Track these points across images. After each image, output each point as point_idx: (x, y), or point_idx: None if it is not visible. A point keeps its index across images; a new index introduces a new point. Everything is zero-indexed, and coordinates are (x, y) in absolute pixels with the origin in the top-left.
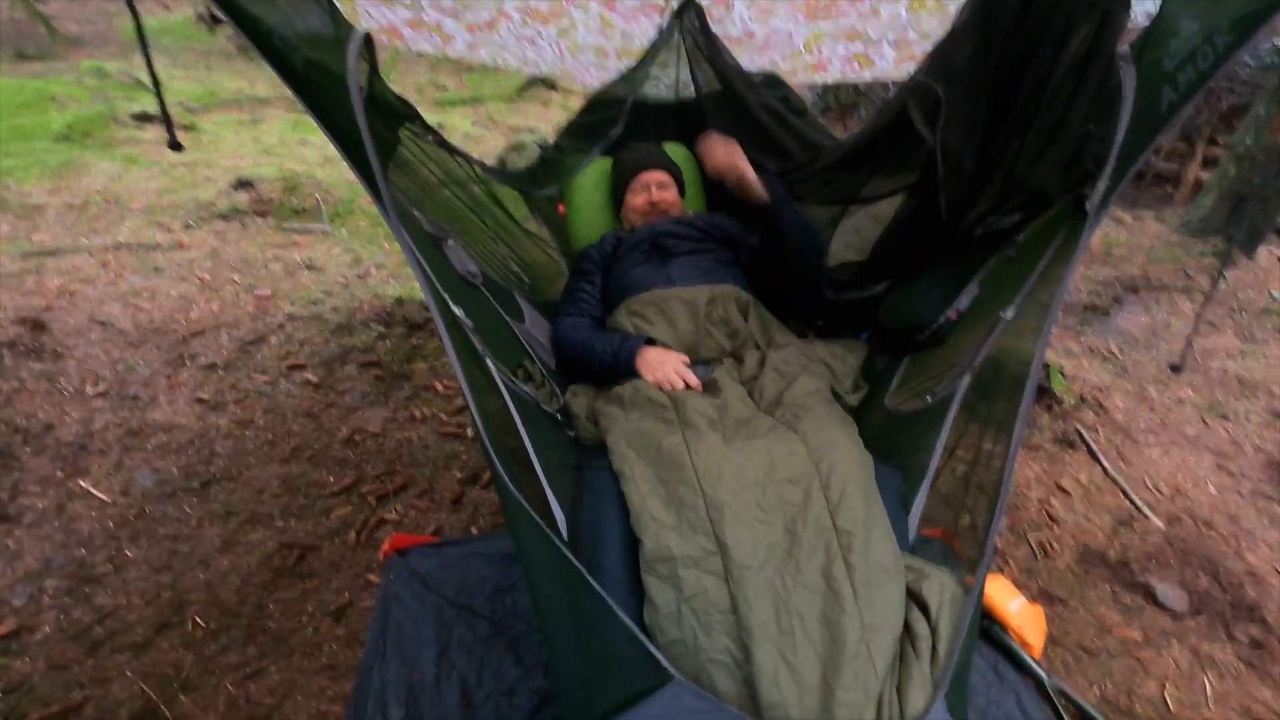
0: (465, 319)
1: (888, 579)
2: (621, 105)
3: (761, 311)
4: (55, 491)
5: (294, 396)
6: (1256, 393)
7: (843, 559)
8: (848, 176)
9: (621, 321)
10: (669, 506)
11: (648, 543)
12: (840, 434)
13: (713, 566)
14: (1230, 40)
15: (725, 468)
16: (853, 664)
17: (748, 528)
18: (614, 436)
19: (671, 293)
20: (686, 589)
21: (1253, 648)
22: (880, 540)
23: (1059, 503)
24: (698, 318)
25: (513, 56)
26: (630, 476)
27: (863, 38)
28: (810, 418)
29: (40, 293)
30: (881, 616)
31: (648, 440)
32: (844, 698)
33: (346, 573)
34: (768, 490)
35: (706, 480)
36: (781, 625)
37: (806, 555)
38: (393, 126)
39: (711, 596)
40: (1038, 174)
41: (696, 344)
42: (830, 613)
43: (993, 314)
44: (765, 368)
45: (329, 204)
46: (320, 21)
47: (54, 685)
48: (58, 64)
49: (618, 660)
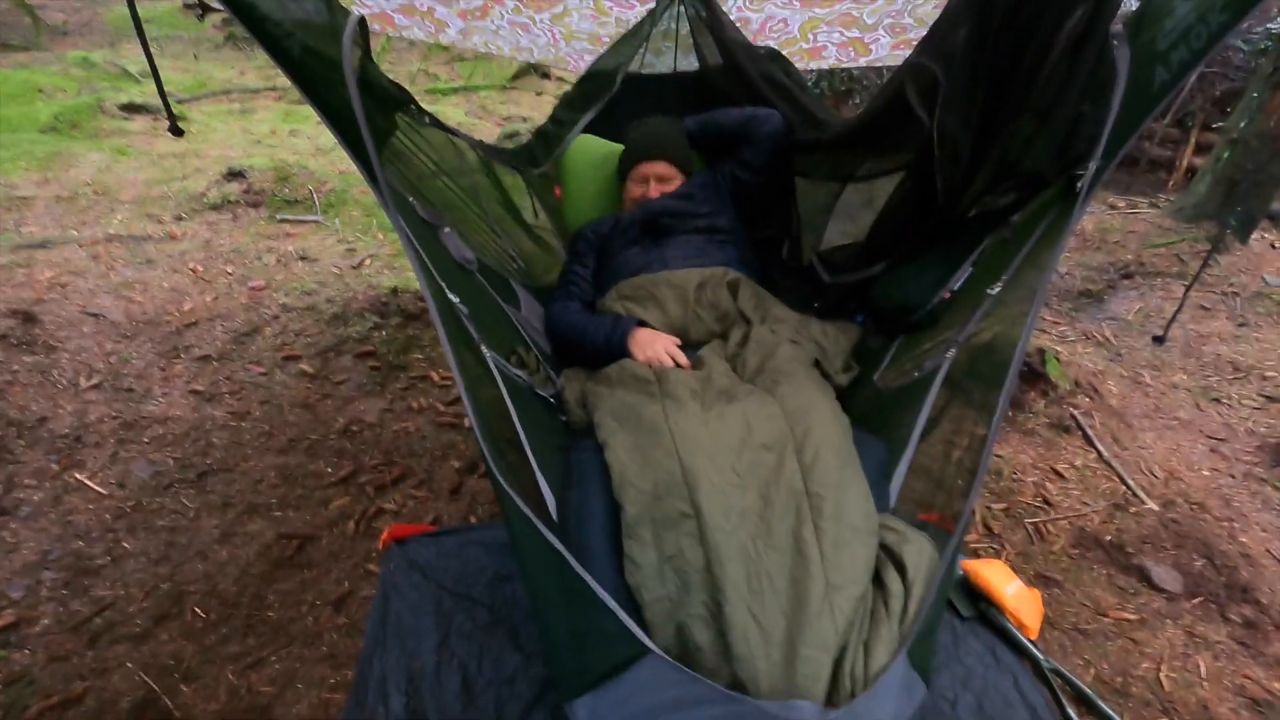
0: (460, 305)
1: (857, 539)
2: (615, 74)
3: (755, 288)
4: (51, 484)
5: (290, 388)
6: (1249, 376)
7: (812, 522)
8: (847, 154)
9: (611, 305)
10: (646, 470)
11: (629, 509)
12: (817, 396)
13: (689, 529)
14: (1224, 19)
15: (702, 434)
16: (816, 622)
17: (722, 493)
18: (600, 412)
19: (661, 277)
20: (667, 549)
21: (1246, 628)
22: (853, 501)
23: (1055, 487)
24: (687, 302)
25: (505, 43)
26: (612, 445)
27: (858, 24)
28: (789, 381)
29: (31, 285)
30: (847, 577)
31: (630, 411)
32: (805, 654)
33: (345, 563)
34: (743, 455)
35: (684, 448)
36: (752, 585)
37: (778, 518)
38: (388, 112)
39: (689, 557)
40: (1032, 155)
41: (686, 327)
42: (797, 573)
43: (980, 292)
44: (749, 341)
45: (322, 194)
46: (314, 7)
47: (54, 677)
48: (43, 54)
49: (601, 636)
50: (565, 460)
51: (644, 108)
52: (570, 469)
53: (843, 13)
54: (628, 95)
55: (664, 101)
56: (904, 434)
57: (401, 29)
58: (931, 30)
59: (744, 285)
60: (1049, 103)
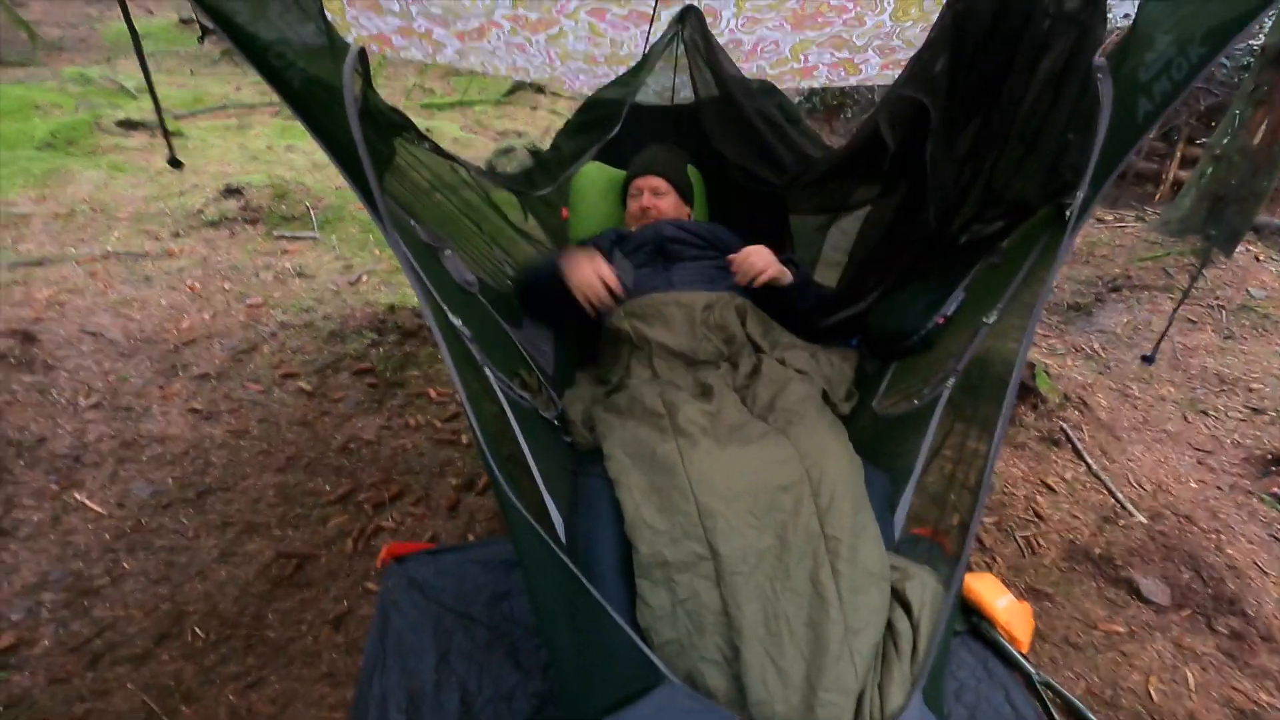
0: (463, 329)
1: (873, 584)
2: (618, 107)
3: (762, 315)
4: (50, 505)
5: (288, 405)
6: (1235, 389)
7: (830, 565)
8: (835, 187)
9: (620, 324)
10: (662, 513)
11: (642, 549)
12: (832, 440)
13: (705, 571)
14: (1204, 51)
15: (718, 475)
16: (835, 665)
17: (740, 534)
18: (610, 444)
19: (670, 297)
20: (680, 592)
21: (1233, 639)
22: (868, 546)
23: (1045, 500)
24: (694, 323)
25: (502, 63)
26: (625, 484)
27: (848, 45)
28: (802, 424)
29: (29, 304)
30: (864, 620)
31: (642, 448)
32: (825, 697)
33: (344, 581)
34: (760, 497)
35: (700, 488)
36: (770, 628)
37: (795, 561)
38: (388, 138)
39: (704, 599)
40: (1017, 184)
41: (693, 348)
42: (816, 616)
43: (976, 320)
44: (759, 374)
45: (319, 211)
46: (315, 35)
47: (55, 699)
48: (39, 70)
49: (613, 661)
50: (573, 484)
51: (642, 136)
52: (578, 495)
53: (833, 35)
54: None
55: (661, 131)
56: (907, 464)
57: (399, 49)
58: (913, 61)
59: (751, 312)
60: (1034, 132)
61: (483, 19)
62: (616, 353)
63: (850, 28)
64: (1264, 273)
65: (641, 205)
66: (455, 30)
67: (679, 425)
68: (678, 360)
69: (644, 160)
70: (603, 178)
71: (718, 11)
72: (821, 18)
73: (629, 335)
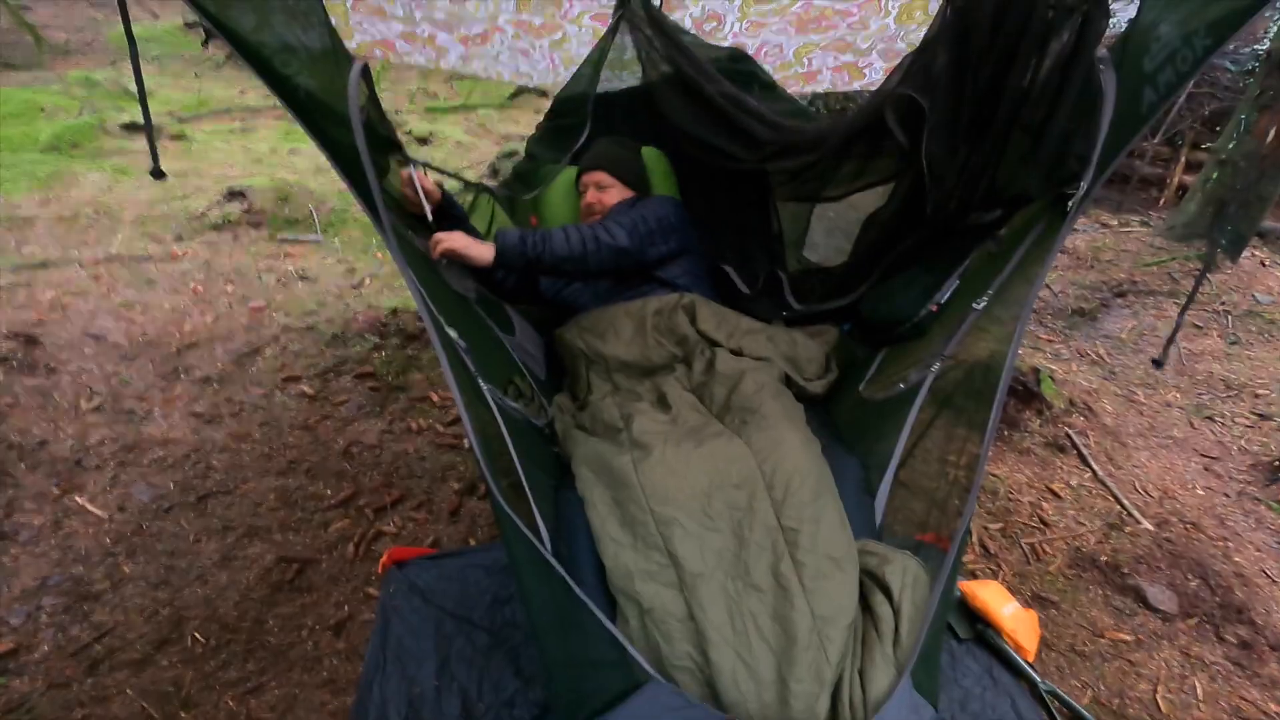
0: (459, 340)
1: (838, 569)
2: (584, 104)
3: (715, 308)
4: (51, 508)
5: (290, 409)
6: (1242, 395)
7: (789, 556)
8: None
9: (573, 340)
10: (624, 526)
11: (608, 562)
12: (786, 431)
13: (668, 579)
14: (1208, 42)
15: (670, 482)
16: (805, 655)
17: (696, 538)
18: (576, 460)
19: (619, 308)
20: (645, 602)
21: (1241, 648)
22: (829, 531)
23: (1050, 506)
24: (645, 330)
25: (505, 68)
26: (590, 500)
27: (852, 49)
28: (755, 419)
29: (32, 306)
30: (834, 606)
31: (602, 462)
32: (797, 689)
33: (345, 586)
34: (714, 498)
35: (654, 498)
36: (736, 627)
37: (754, 556)
38: (385, 152)
39: (669, 607)
40: (1021, 176)
41: (646, 355)
42: (781, 609)
43: (966, 305)
44: (713, 370)
45: (321, 214)
46: (319, 42)
47: (54, 704)
48: (44, 73)
49: (601, 664)
50: (555, 499)
51: (613, 125)
52: (559, 510)
53: (837, 39)
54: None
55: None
56: (886, 447)
57: (403, 54)
58: (911, 60)
59: (701, 306)
60: (1039, 124)
61: (486, 24)
62: (575, 368)
63: (854, 31)
64: (1270, 278)
65: (588, 202)
66: (459, 35)
67: (634, 437)
68: (633, 369)
69: (587, 156)
70: (564, 179)
71: (722, 16)
72: (825, 21)
73: (583, 351)
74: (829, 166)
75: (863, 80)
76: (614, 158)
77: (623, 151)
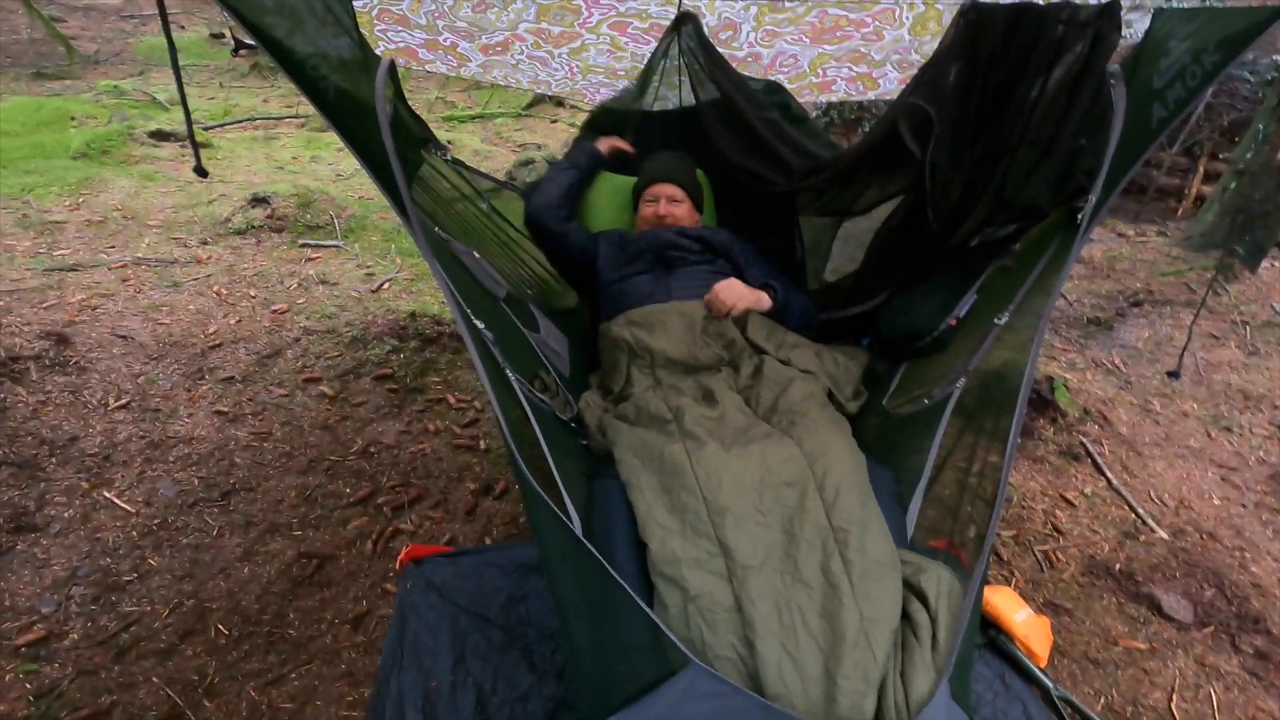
0: (486, 331)
1: (884, 574)
2: (625, 118)
3: (765, 320)
4: (80, 502)
5: (310, 409)
6: (1260, 405)
7: (839, 555)
8: (841, 190)
9: (620, 332)
10: (673, 512)
11: (654, 547)
12: (834, 438)
13: (716, 568)
14: (1217, 60)
15: (725, 474)
16: (852, 654)
17: (747, 530)
18: (620, 448)
19: (670, 306)
20: (691, 589)
21: (1258, 659)
22: (876, 537)
23: (1064, 515)
24: (694, 331)
25: (524, 77)
26: (636, 485)
27: (867, 60)
28: (805, 422)
29: (63, 307)
30: (880, 609)
31: (651, 450)
32: (845, 686)
33: (364, 582)
34: (765, 494)
35: (707, 486)
36: (783, 620)
37: (805, 554)
38: (415, 147)
39: (716, 596)
40: (1030, 189)
41: (694, 354)
42: (829, 607)
43: (988, 320)
44: (760, 376)
45: (342, 220)
46: (348, 48)
47: (83, 690)
48: (76, 83)
49: (634, 649)
50: (588, 488)
51: (652, 143)
52: (593, 497)
53: (851, 49)
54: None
55: (669, 136)
56: (917, 462)
57: (425, 63)
58: (922, 71)
59: (754, 317)
60: (1048, 138)
61: (507, 33)
62: (615, 361)
63: (869, 42)
64: None
65: (658, 213)
66: (480, 44)
67: (685, 428)
68: (678, 366)
69: (657, 168)
70: (608, 185)
71: (737, 25)
72: (840, 32)
73: (628, 344)
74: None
75: (876, 90)
76: (688, 175)
77: (692, 170)
